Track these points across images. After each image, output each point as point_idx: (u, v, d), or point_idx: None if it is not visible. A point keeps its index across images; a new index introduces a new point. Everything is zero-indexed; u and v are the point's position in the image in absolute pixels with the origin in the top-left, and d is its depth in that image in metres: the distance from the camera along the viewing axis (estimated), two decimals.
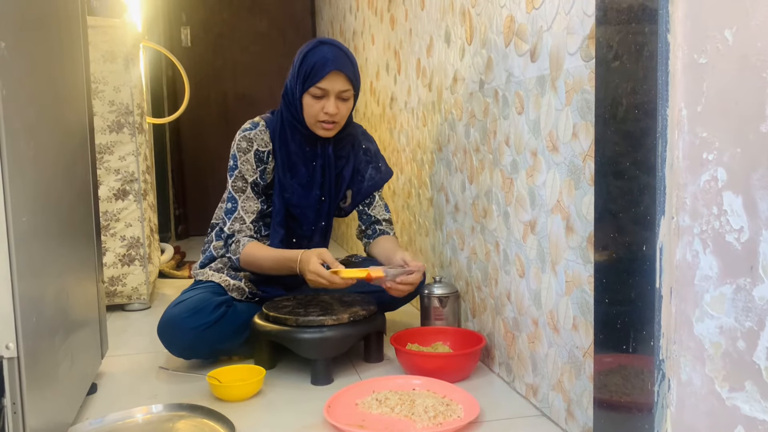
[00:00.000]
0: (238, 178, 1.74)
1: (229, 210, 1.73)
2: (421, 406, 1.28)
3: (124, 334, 1.99)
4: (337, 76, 1.65)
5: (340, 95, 1.67)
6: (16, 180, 0.89)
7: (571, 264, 1.18)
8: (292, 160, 1.76)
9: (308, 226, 1.80)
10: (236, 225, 1.72)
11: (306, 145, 1.77)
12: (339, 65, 1.64)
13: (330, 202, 1.82)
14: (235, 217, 1.73)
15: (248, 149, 1.74)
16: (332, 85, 1.65)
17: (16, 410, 0.87)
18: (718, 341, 0.81)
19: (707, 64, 0.81)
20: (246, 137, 1.75)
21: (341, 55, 1.66)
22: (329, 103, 1.67)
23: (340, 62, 1.65)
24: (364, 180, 1.86)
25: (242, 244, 1.69)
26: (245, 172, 1.74)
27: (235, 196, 1.74)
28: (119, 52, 2.19)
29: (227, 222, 1.73)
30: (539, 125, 1.27)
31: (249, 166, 1.74)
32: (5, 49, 0.86)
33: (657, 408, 0.91)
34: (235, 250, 1.69)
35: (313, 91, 1.66)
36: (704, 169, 0.82)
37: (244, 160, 1.74)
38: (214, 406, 1.34)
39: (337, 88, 1.66)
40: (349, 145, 1.85)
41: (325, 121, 1.69)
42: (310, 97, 1.68)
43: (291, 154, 1.76)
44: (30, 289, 0.93)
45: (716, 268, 0.81)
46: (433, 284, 1.72)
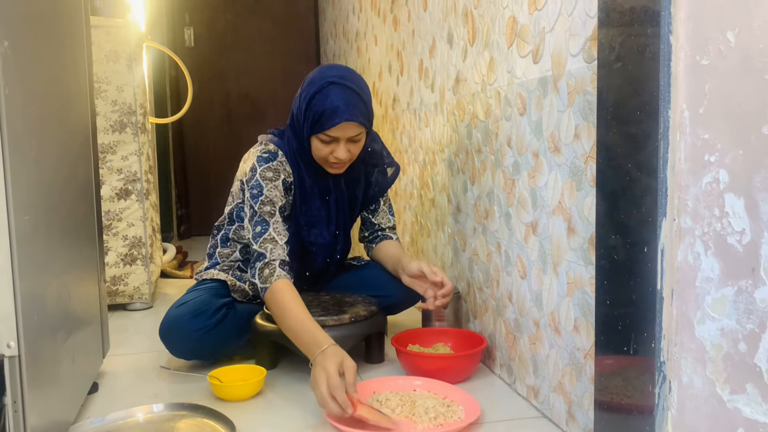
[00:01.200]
0: (266, 203, 1.58)
1: (258, 233, 1.55)
2: (421, 407, 1.28)
3: (125, 334, 1.99)
4: (348, 126, 1.52)
5: (351, 139, 1.56)
6: (19, 179, 0.89)
7: (572, 265, 1.18)
8: (307, 194, 1.66)
9: (322, 261, 1.76)
10: (268, 245, 1.54)
11: (321, 179, 1.68)
12: (350, 115, 1.51)
13: (346, 234, 1.77)
14: (266, 238, 1.55)
15: (275, 178, 1.61)
16: (343, 133, 1.53)
17: (17, 409, 0.87)
18: (719, 343, 0.81)
19: (709, 65, 0.80)
20: (271, 168, 1.60)
21: (353, 101, 1.52)
22: (339, 149, 1.56)
23: (351, 110, 1.51)
24: (371, 186, 1.79)
25: (276, 276, 1.49)
26: (274, 198, 1.59)
27: (264, 219, 1.57)
28: (122, 52, 2.19)
29: (255, 244, 1.55)
30: (541, 126, 1.27)
31: (277, 193, 1.60)
32: (8, 48, 0.86)
33: (658, 410, 0.91)
34: (267, 277, 1.50)
35: (322, 137, 1.55)
36: (706, 170, 0.82)
37: (272, 187, 1.59)
38: (215, 405, 1.34)
39: (347, 135, 1.54)
40: (359, 166, 1.74)
41: (335, 163, 1.61)
42: (317, 140, 1.56)
43: (306, 188, 1.66)
44: (31, 287, 0.93)
45: (718, 270, 0.81)
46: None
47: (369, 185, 1.79)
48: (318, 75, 1.56)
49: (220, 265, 1.79)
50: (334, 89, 1.52)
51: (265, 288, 1.49)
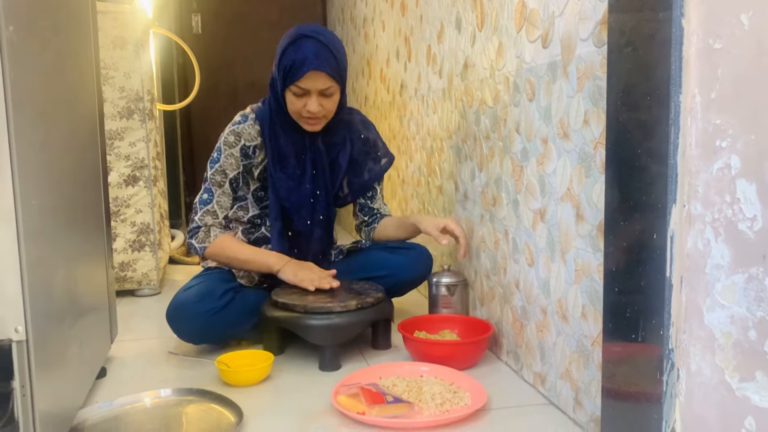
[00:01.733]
0: (218, 172, 1.70)
1: (203, 201, 1.70)
2: (428, 393, 1.28)
3: (133, 319, 2.00)
4: (317, 76, 1.59)
5: (322, 92, 1.62)
6: (26, 164, 0.89)
7: (580, 252, 1.17)
8: (282, 152, 1.72)
9: (304, 221, 1.76)
10: (207, 218, 1.69)
11: (296, 137, 1.73)
12: (318, 64, 1.57)
13: (327, 194, 1.78)
14: (208, 210, 1.69)
15: (235, 143, 1.71)
16: (312, 84, 1.59)
17: (25, 393, 0.88)
18: (729, 331, 0.80)
19: (722, 49, 0.79)
20: (234, 131, 1.71)
21: (322, 52, 1.58)
22: (311, 102, 1.62)
23: (320, 61, 1.57)
24: (362, 173, 1.82)
25: (214, 234, 1.67)
26: (227, 167, 1.70)
27: (211, 189, 1.70)
28: (129, 38, 2.19)
29: (198, 212, 1.69)
30: (550, 112, 1.26)
31: (233, 161, 1.70)
32: (14, 32, 0.86)
33: (666, 398, 0.90)
34: (203, 238, 1.67)
35: (294, 89, 1.61)
36: (717, 156, 0.81)
37: (228, 155, 1.70)
38: (222, 390, 1.35)
39: (318, 87, 1.60)
40: (344, 131, 1.79)
41: (309, 118, 1.65)
42: (291, 94, 1.63)
43: (281, 146, 1.72)
44: (39, 273, 0.93)
45: (728, 257, 0.80)
46: (442, 273, 1.72)
47: (355, 163, 1.81)
48: (293, 30, 1.64)
49: None
50: (306, 42, 1.59)
51: (204, 246, 1.67)
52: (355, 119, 1.84)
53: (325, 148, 1.76)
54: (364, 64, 3.10)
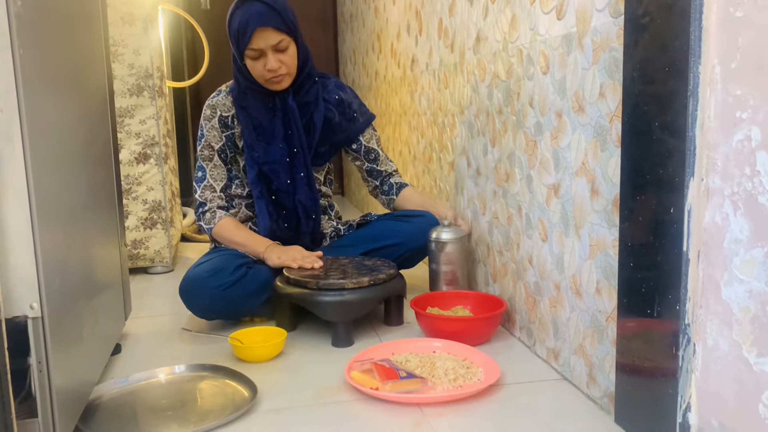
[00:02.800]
0: (205, 147, 1.77)
1: (199, 178, 1.78)
2: (441, 368, 1.28)
3: (147, 296, 2.01)
4: (264, 32, 1.62)
5: (275, 48, 1.65)
6: (37, 143, 0.89)
7: (595, 227, 1.16)
8: (254, 118, 1.76)
9: (283, 181, 1.77)
10: (207, 193, 1.76)
11: (265, 101, 1.76)
12: (261, 21, 1.61)
13: (303, 153, 1.79)
14: (205, 185, 1.77)
15: (212, 116, 1.77)
16: (263, 42, 1.63)
17: (41, 369, 0.88)
18: (747, 305, 0.79)
19: (743, 17, 0.77)
20: (210, 105, 1.79)
21: (263, 9, 1.61)
22: (268, 60, 1.65)
23: (262, 18, 1.61)
24: (338, 132, 1.85)
25: (218, 216, 1.75)
26: (211, 139, 1.77)
27: (203, 165, 1.78)
28: (138, 15, 2.17)
29: (197, 190, 1.77)
30: (565, 85, 1.24)
31: (215, 133, 1.77)
32: (22, 7, 0.85)
33: (681, 373, 0.90)
34: (210, 219, 1.75)
35: (249, 53, 1.65)
36: (737, 128, 0.79)
37: (210, 128, 1.77)
38: (235, 366, 1.35)
39: (270, 44, 1.63)
40: (314, 92, 1.81)
41: (272, 77, 1.68)
42: (249, 59, 1.67)
43: (252, 113, 1.76)
44: (53, 250, 0.93)
45: (747, 231, 0.78)
46: (441, 229, 1.71)
47: (331, 124, 1.83)
48: (233, 3, 1.67)
49: None
50: (242, 7, 1.64)
51: (210, 228, 1.75)
52: (329, 82, 1.87)
53: (298, 107, 1.78)
54: (374, 38, 3.07)
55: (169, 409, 1.20)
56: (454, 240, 1.70)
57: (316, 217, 1.83)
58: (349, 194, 4.02)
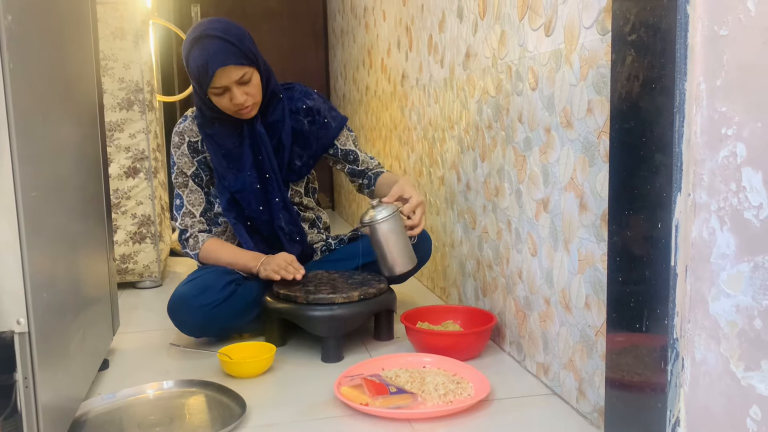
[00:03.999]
0: (179, 174, 1.75)
1: (177, 206, 1.76)
2: (431, 383, 1.28)
3: (135, 311, 2.00)
4: (225, 71, 1.55)
5: (239, 82, 1.58)
6: (26, 156, 0.88)
7: (584, 242, 1.16)
8: (223, 146, 1.72)
9: (255, 208, 1.74)
10: (187, 219, 1.74)
11: (233, 129, 1.71)
12: (221, 61, 1.54)
13: (276, 177, 1.74)
14: (184, 212, 1.75)
15: (181, 143, 1.74)
16: (226, 80, 1.57)
17: (27, 385, 0.87)
18: (734, 320, 0.80)
19: (728, 36, 0.78)
20: (177, 132, 1.76)
21: (220, 47, 1.54)
22: (234, 95, 1.59)
23: (221, 57, 1.54)
24: (311, 143, 1.78)
25: (201, 240, 1.73)
26: (183, 166, 1.74)
27: (179, 192, 1.76)
28: (129, 29, 2.18)
29: (177, 218, 1.75)
30: (553, 101, 1.25)
31: (186, 159, 1.74)
32: (12, 22, 0.85)
33: (670, 387, 0.90)
34: (193, 245, 1.73)
35: (212, 91, 1.60)
36: (723, 144, 0.80)
37: (180, 155, 1.74)
38: (224, 382, 1.34)
39: (233, 80, 1.57)
40: (281, 109, 1.75)
41: (240, 109, 1.63)
42: (213, 95, 1.61)
43: (220, 142, 1.71)
44: (41, 265, 0.93)
45: (733, 246, 0.79)
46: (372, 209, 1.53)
47: (302, 135, 1.77)
48: (187, 35, 1.61)
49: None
50: (198, 45, 1.56)
51: (196, 253, 1.74)
52: (294, 92, 1.80)
53: (266, 128, 1.73)
54: (364, 54, 3.09)
55: (157, 425, 1.19)
56: (386, 219, 1.50)
57: (301, 239, 1.81)
58: (339, 208, 4.02)
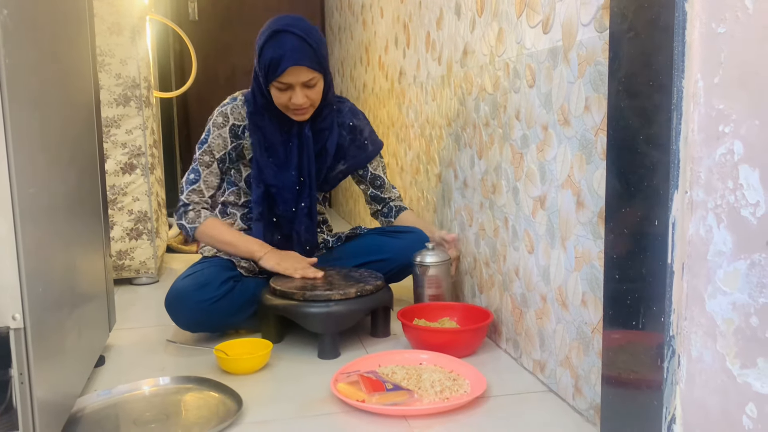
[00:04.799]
0: (206, 152, 1.73)
1: (190, 180, 1.73)
2: (427, 380, 1.28)
3: (132, 308, 2.00)
4: (297, 70, 1.60)
5: (305, 84, 1.63)
6: (22, 151, 0.88)
7: (581, 239, 1.16)
8: (268, 140, 1.73)
9: (287, 207, 1.77)
10: (194, 196, 1.72)
11: (282, 125, 1.74)
12: (297, 59, 1.58)
13: (310, 183, 1.77)
14: (194, 189, 1.72)
15: (224, 124, 1.73)
16: (294, 78, 1.61)
17: (23, 380, 0.87)
18: (730, 317, 0.80)
19: (726, 33, 0.78)
20: (223, 113, 1.74)
21: (299, 46, 1.58)
22: (296, 95, 1.63)
23: (297, 55, 1.58)
24: (348, 159, 1.83)
25: (204, 216, 1.70)
26: (215, 147, 1.73)
27: (198, 169, 1.73)
28: (126, 25, 2.17)
29: (185, 191, 1.72)
30: (551, 98, 1.25)
31: (220, 141, 1.73)
32: (8, 16, 0.85)
33: (666, 384, 0.90)
34: (193, 218, 1.70)
35: (277, 85, 1.63)
36: (720, 142, 0.80)
37: (217, 135, 1.73)
38: (221, 379, 1.34)
39: (300, 80, 1.62)
40: (330, 119, 1.79)
41: (296, 110, 1.67)
42: (275, 89, 1.65)
43: (266, 134, 1.73)
44: (36, 260, 0.92)
45: (730, 244, 0.79)
46: (425, 252, 1.70)
47: (343, 149, 1.82)
48: (268, 25, 1.63)
49: None
50: (282, 36, 1.59)
51: (194, 227, 1.70)
52: (344, 107, 1.85)
53: (313, 134, 1.76)
54: (362, 51, 3.08)
55: (153, 421, 1.19)
56: (438, 263, 1.69)
57: (311, 248, 1.83)
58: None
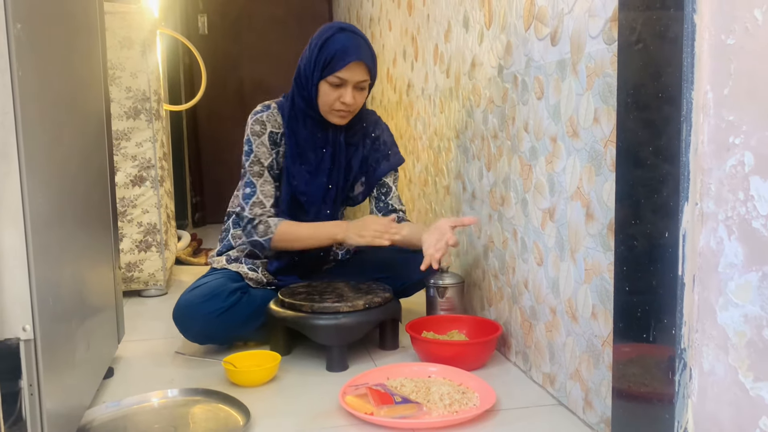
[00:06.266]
0: (255, 163, 1.71)
1: (247, 195, 1.70)
2: (436, 393, 1.27)
3: (140, 320, 2.00)
4: (357, 67, 1.62)
5: (357, 85, 1.65)
6: (33, 164, 0.89)
7: (590, 252, 1.16)
8: (301, 146, 1.73)
9: (313, 214, 1.76)
10: (257, 209, 1.69)
11: (317, 131, 1.74)
12: (360, 55, 1.61)
13: (337, 191, 1.78)
14: (254, 202, 1.69)
15: (262, 132, 1.72)
16: (351, 75, 1.63)
17: (32, 392, 0.87)
18: (742, 330, 0.79)
19: (735, 44, 0.78)
20: (259, 120, 1.73)
21: (362, 45, 1.63)
22: (347, 93, 1.64)
23: (361, 52, 1.62)
24: (371, 171, 1.83)
25: (273, 224, 1.66)
26: (261, 155, 1.71)
27: (252, 181, 1.70)
28: (136, 39, 2.19)
29: (245, 207, 1.69)
30: (559, 110, 1.25)
31: (264, 149, 1.72)
32: (21, 30, 0.86)
33: (678, 398, 0.89)
34: (265, 230, 1.66)
35: (331, 79, 1.63)
36: (730, 153, 0.80)
37: (259, 143, 1.71)
38: (229, 391, 1.34)
39: (356, 79, 1.63)
40: (361, 132, 1.81)
41: (341, 110, 1.67)
42: (327, 84, 1.65)
43: (300, 140, 1.73)
44: (46, 272, 0.93)
45: (741, 256, 0.79)
46: (440, 274, 1.71)
47: (366, 162, 1.82)
48: (328, 25, 1.67)
49: (234, 250, 1.80)
50: (345, 35, 1.63)
51: (268, 239, 1.66)
52: (370, 119, 1.86)
53: (346, 145, 1.77)
54: None
55: None
56: (454, 285, 1.70)
57: (324, 255, 1.83)
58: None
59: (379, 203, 1.87)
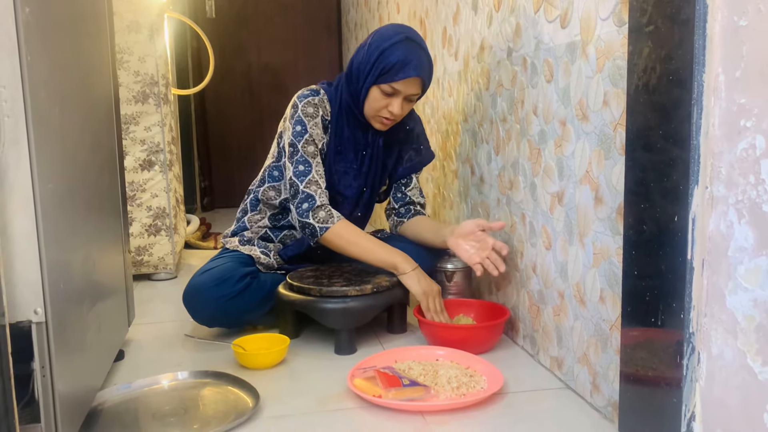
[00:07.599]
0: (309, 143, 1.64)
1: (302, 172, 1.61)
2: (444, 376, 1.28)
3: (150, 303, 2.01)
4: (414, 81, 1.59)
5: (408, 97, 1.62)
6: (43, 147, 0.89)
7: (599, 236, 1.16)
8: (343, 144, 1.71)
9: (346, 214, 1.74)
10: (313, 187, 1.61)
11: (358, 132, 1.72)
12: (420, 71, 1.57)
13: (371, 194, 1.78)
14: (310, 180, 1.61)
15: (315, 114, 1.67)
16: (406, 87, 1.59)
17: (45, 374, 0.88)
18: (751, 314, 0.79)
19: (747, 26, 0.77)
20: (311, 102, 1.67)
21: (424, 59, 1.59)
22: (396, 103, 1.61)
23: (421, 68, 1.58)
24: (402, 161, 1.81)
25: (336, 216, 1.60)
26: (316, 136, 1.66)
27: (307, 159, 1.63)
28: (144, 22, 2.18)
29: (300, 184, 1.60)
30: (569, 93, 1.24)
31: (318, 131, 1.67)
32: (30, 14, 0.86)
33: (686, 382, 0.89)
34: (325, 218, 1.59)
35: (385, 87, 1.59)
36: (741, 136, 0.79)
37: (314, 125, 1.66)
38: (238, 373, 1.35)
39: (409, 92, 1.60)
40: (401, 135, 1.78)
41: (386, 118, 1.65)
42: (378, 90, 1.61)
43: (344, 138, 1.70)
44: (57, 255, 0.94)
45: (752, 239, 0.78)
46: (447, 258, 1.72)
47: (401, 160, 1.81)
48: (393, 30, 1.61)
49: (248, 231, 1.80)
50: (410, 45, 1.58)
51: (325, 227, 1.59)
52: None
53: (384, 148, 1.75)
54: None
55: (171, 415, 1.20)
56: (461, 269, 1.71)
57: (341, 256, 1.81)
58: None
59: (397, 193, 1.84)
